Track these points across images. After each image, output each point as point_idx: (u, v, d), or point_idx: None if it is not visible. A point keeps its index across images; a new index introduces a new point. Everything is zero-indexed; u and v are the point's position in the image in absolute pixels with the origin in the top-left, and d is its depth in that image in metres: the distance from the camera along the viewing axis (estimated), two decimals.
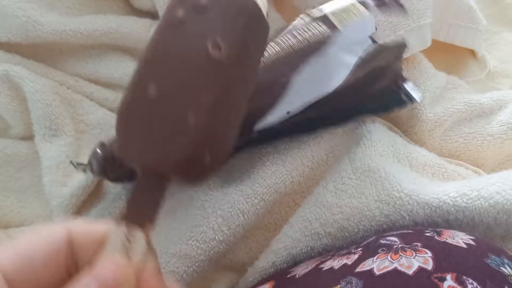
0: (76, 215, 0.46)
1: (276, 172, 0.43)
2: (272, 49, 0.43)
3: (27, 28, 0.49)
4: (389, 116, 0.51)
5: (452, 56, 0.59)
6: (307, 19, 0.44)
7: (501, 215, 0.39)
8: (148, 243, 0.24)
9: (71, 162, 0.46)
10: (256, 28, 0.28)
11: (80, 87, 0.52)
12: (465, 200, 0.40)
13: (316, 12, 0.44)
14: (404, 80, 0.44)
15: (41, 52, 0.52)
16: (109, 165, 0.43)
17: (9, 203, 0.50)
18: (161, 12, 0.54)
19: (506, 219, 0.40)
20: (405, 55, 0.50)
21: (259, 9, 0.28)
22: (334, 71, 0.42)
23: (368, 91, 0.44)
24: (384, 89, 0.44)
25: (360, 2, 0.44)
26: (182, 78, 0.25)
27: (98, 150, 0.43)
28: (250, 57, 0.28)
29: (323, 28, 0.43)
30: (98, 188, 0.48)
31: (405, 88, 0.44)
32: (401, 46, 0.44)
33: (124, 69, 0.53)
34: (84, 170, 0.44)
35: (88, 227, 0.25)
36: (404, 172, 0.43)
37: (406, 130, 0.51)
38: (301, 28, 0.44)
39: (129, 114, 0.25)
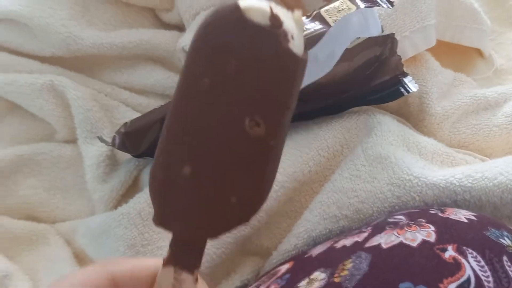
0: (115, 206, 0.50)
1: (295, 162, 0.47)
2: None
3: (69, 43, 0.55)
4: (400, 111, 0.55)
5: (459, 55, 0.62)
6: (305, 20, 0.48)
7: (506, 194, 0.42)
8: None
9: (97, 137, 0.52)
10: (296, 87, 0.24)
11: (116, 94, 0.58)
12: (470, 181, 0.43)
13: (313, 13, 0.49)
14: (404, 74, 0.48)
15: (81, 64, 0.58)
16: (128, 141, 0.49)
17: (55, 201, 0.55)
18: (187, 25, 0.59)
19: (511, 199, 0.42)
20: (411, 54, 0.54)
21: (300, 62, 0.23)
22: (324, 62, 0.46)
23: (370, 84, 0.48)
24: (386, 83, 0.48)
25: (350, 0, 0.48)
26: (217, 160, 0.23)
27: (121, 129, 0.49)
28: (289, 117, 0.24)
29: (317, 25, 0.47)
30: (135, 183, 0.53)
31: (404, 82, 0.48)
32: (390, 38, 0.47)
33: (155, 77, 0.58)
34: (110, 145, 0.50)
35: (133, 268, 0.25)
36: (413, 159, 0.47)
37: (417, 124, 0.55)
38: None
39: (164, 192, 0.24)
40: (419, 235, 0.34)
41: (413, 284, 0.31)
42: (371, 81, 0.49)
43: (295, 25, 0.23)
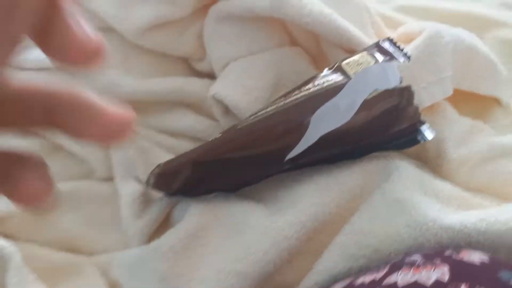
0: (149, 241, 0.54)
1: (316, 203, 0.50)
2: (295, 96, 0.51)
3: (108, 89, 0.60)
4: (419, 156, 0.57)
5: (477, 103, 0.64)
6: (325, 71, 0.52)
7: None
8: None
9: (134, 177, 0.56)
10: None
11: (150, 137, 0.62)
12: (484, 225, 0.45)
13: (335, 65, 0.52)
14: (422, 123, 0.50)
15: None
16: (161, 181, 0.53)
17: (92, 234, 0.58)
18: (218, 74, 0.63)
19: None
20: (428, 104, 0.57)
21: None
22: (345, 110, 0.49)
23: (387, 132, 0.51)
24: (404, 131, 0.50)
25: (369, 54, 0.52)
26: None
27: (155, 170, 0.53)
28: None
29: (338, 77, 0.51)
30: (167, 219, 0.56)
31: (421, 130, 0.50)
32: (406, 91, 0.51)
33: (187, 122, 0.62)
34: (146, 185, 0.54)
35: None
36: (430, 203, 0.49)
37: (435, 169, 0.57)
38: (320, 78, 0.52)
39: None
40: (434, 274, 0.36)
41: None
42: (389, 129, 0.52)
43: None
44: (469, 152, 0.56)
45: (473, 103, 0.64)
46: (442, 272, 0.37)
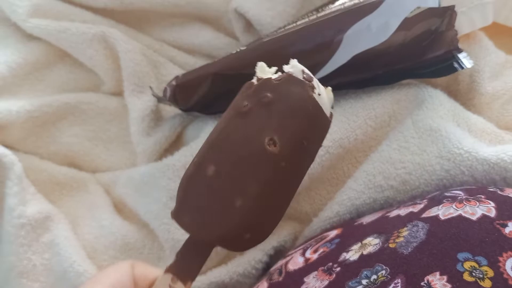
0: (157, 160, 0.49)
1: (342, 128, 0.45)
2: (330, 10, 0.45)
3: None
4: (449, 88, 0.52)
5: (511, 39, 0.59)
6: None
7: None
8: None
9: (149, 87, 0.50)
10: (314, 129, 0.30)
11: (164, 51, 0.56)
12: None
13: None
14: (459, 50, 0.45)
15: (131, 18, 0.56)
16: (179, 93, 0.47)
17: (97, 151, 0.53)
18: None
19: None
20: (466, 31, 0.51)
21: (320, 111, 0.29)
22: (380, 29, 0.44)
23: (423, 57, 0.45)
24: (439, 57, 0.45)
25: None
26: (237, 164, 0.27)
27: (173, 81, 0.47)
28: (304, 153, 0.29)
29: None
30: (179, 139, 0.51)
31: (458, 57, 0.45)
32: (450, 11, 0.44)
33: (203, 37, 0.56)
34: (160, 98, 0.49)
35: (147, 270, 0.29)
36: (463, 134, 0.44)
37: (465, 103, 0.52)
38: None
39: (187, 186, 0.28)
40: (479, 209, 0.32)
41: (472, 254, 0.29)
42: (426, 54, 0.46)
43: (325, 93, 0.30)
44: (503, 86, 0.51)
45: (508, 37, 0.58)
46: (488, 208, 0.32)
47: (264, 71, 0.31)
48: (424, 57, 0.46)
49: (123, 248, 0.47)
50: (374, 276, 0.30)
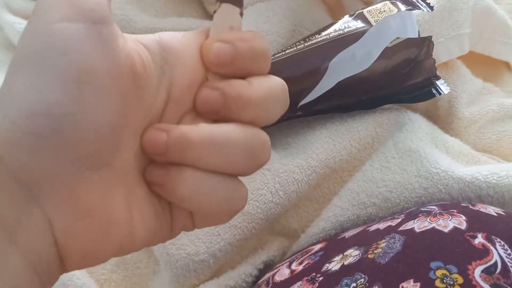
0: None
1: (328, 149, 0.48)
2: (316, 39, 0.48)
3: (123, 25, 0.56)
4: (429, 113, 0.55)
5: (488, 67, 0.62)
6: (346, 18, 0.49)
7: None
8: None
9: None
10: None
11: None
12: (495, 178, 0.43)
13: (356, 12, 0.49)
14: (437, 77, 0.48)
15: None
16: None
17: None
18: None
19: None
20: (444, 59, 0.54)
21: None
22: (363, 58, 0.47)
23: (404, 84, 0.48)
24: (419, 84, 0.48)
25: (392, 3, 0.49)
26: None
27: None
28: None
29: (359, 24, 0.48)
30: None
31: (437, 84, 0.48)
32: (427, 41, 0.48)
33: None
34: None
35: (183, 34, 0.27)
36: (441, 155, 0.47)
37: (444, 126, 0.55)
38: (341, 24, 0.49)
39: None
40: (451, 222, 0.35)
41: (444, 263, 0.31)
42: (406, 80, 0.49)
43: None
44: (479, 111, 0.54)
45: (484, 66, 0.62)
46: (459, 221, 0.35)
47: None
48: (404, 84, 0.50)
49: (120, 262, 0.49)
50: (354, 284, 0.33)
